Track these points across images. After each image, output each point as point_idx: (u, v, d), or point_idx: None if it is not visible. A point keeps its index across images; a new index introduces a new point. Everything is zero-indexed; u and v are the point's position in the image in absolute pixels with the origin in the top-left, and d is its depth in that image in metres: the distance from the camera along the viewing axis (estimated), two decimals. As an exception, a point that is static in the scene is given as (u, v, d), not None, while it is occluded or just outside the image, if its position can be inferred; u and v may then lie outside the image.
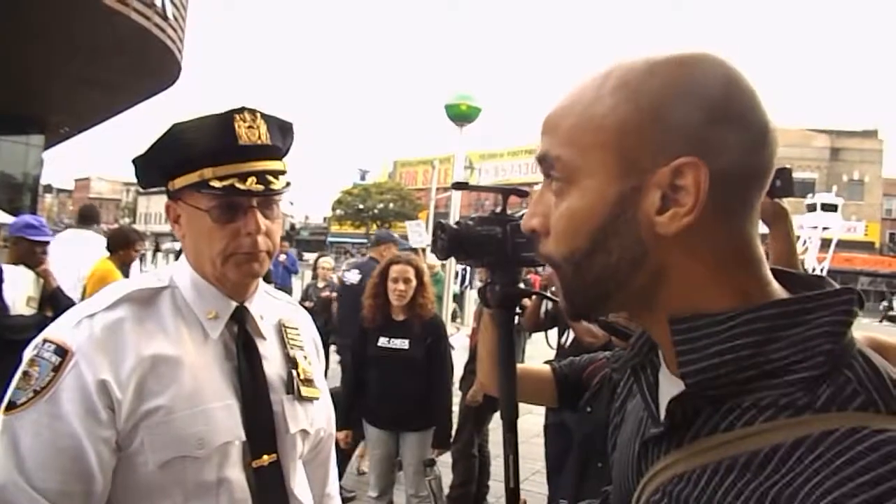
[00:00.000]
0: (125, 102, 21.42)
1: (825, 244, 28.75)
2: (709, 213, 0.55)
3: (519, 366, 1.51)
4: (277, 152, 1.15)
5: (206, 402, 1.05)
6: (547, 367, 1.76)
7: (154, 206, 76.88)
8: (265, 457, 1.11)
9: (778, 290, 0.59)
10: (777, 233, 1.82)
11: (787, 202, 1.84)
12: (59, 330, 1.02)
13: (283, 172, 1.14)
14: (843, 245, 30.54)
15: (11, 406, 0.97)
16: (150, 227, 62.21)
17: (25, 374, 0.99)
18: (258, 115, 1.11)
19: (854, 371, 0.52)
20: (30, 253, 3.74)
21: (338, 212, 46.51)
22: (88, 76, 16.89)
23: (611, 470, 0.80)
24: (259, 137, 1.10)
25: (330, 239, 53.08)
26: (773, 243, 1.80)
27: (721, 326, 0.55)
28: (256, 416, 1.11)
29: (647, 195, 0.56)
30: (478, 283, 6.79)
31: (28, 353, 1.01)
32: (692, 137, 0.54)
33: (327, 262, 7.40)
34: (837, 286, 0.58)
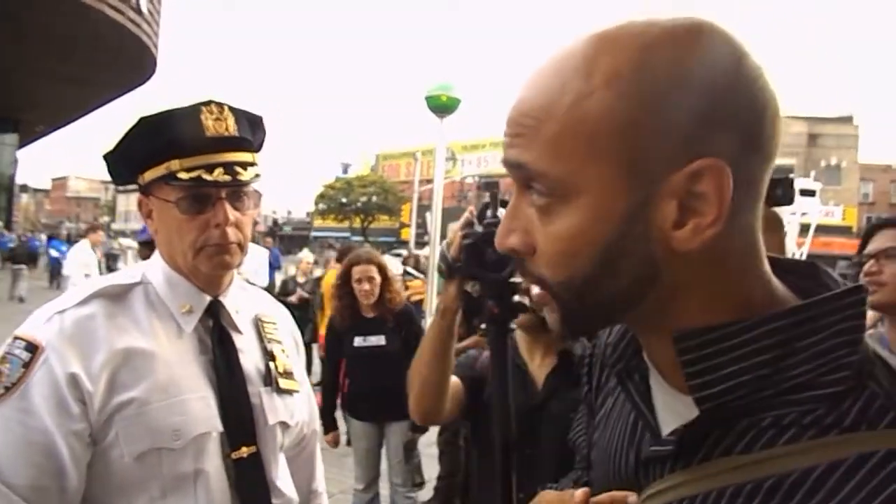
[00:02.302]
0: (101, 99, 21.11)
1: (804, 229, 29.15)
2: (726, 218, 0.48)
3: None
4: (246, 144, 1.15)
5: (181, 394, 1.05)
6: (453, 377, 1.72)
7: (134, 204, 75.41)
8: (244, 448, 1.11)
9: (782, 292, 0.54)
10: (771, 241, 1.82)
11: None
12: (30, 326, 1.02)
13: (252, 164, 1.13)
14: (822, 230, 30.97)
15: None
16: (129, 226, 61.45)
17: None
18: (225, 107, 1.12)
19: (878, 382, 0.48)
20: None
21: (321, 206, 46.24)
22: (62, 72, 16.62)
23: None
24: (226, 129, 1.10)
25: (314, 233, 52.84)
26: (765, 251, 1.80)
27: (733, 341, 0.50)
28: (234, 407, 1.11)
29: (659, 207, 0.48)
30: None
31: None
32: (707, 133, 0.47)
33: (307, 257, 7.47)
34: (837, 278, 0.54)
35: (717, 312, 0.51)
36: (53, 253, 15.92)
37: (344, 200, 44.23)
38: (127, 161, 1.13)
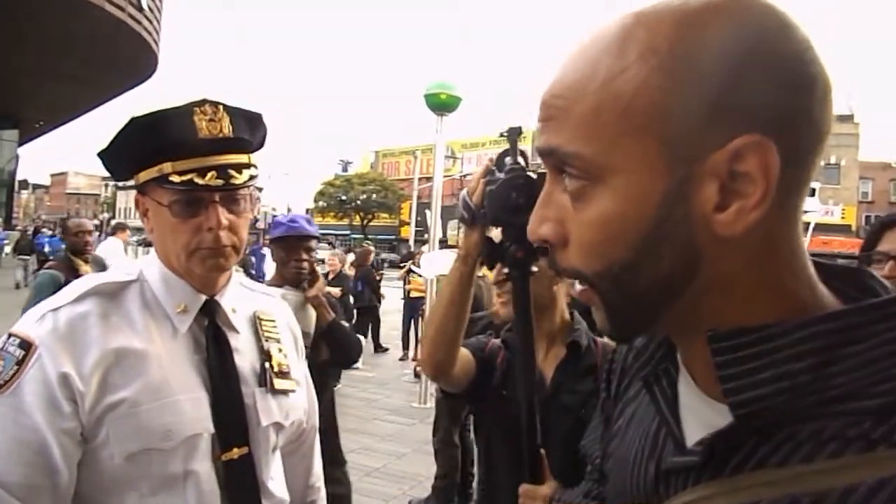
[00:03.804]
0: (102, 96, 21.08)
1: (804, 228, 29.05)
2: (772, 201, 0.45)
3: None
4: (243, 145, 1.13)
5: (173, 395, 1.05)
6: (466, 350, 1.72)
7: (132, 201, 75.36)
8: (235, 450, 1.11)
9: (827, 296, 0.50)
10: None
11: None
12: (25, 324, 1.03)
13: (247, 166, 1.12)
14: (821, 228, 30.93)
15: None
16: (129, 222, 61.34)
17: None
18: (221, 107, 1.10)
19: None
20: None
21: (320, 203, 46.19)
22: (62, 69, 16.59)
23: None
24: (221, 130, 1.08)
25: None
26: None
27: (772, 344, 0.46)
28: (226, 408, 1.11)
29: (700, 188, 0.45)
30: None
31: None
32: (750, 108, 0.43)
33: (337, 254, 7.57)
34: (886, 284, 0.50)
35: (762, 311, 0.47)
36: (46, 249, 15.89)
37: (344, 198, 44.19)
38: (120, 161, 1.12)
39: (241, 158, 1.12)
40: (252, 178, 1.12)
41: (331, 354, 2.82)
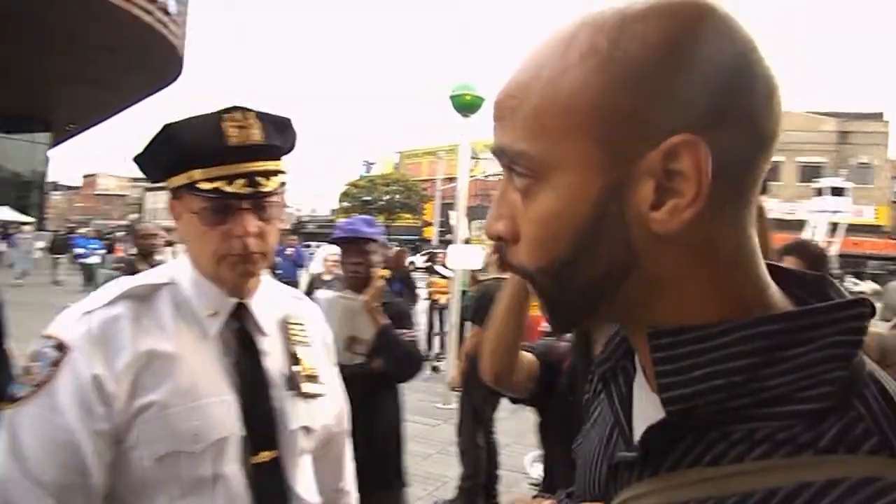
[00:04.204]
0: (130, 99, 21.48)
1: (834, 228, 28.56)
2: (711, 201, 0.45)
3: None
4: (273, 151, 1.13)
5: (202, 398, 1.05)
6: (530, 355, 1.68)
7: (161, 201, 77.24)
8: (264, 453, 1.11)
9: (778, 298, 0.50)
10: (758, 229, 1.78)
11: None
12: (60, 326, 1.04)
13: (276, 173, 1.12)
14: (853, 229, 30.34)
15: (12, 399, 0.99)
16: (158, 223, 62.44)
17: (27, 369, 1.01)
18: (250, 113, 1.09)
19: (866, 404, 0.44)
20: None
21: (344, 204, 46.49)
22: (92, 74, 16.94)
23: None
24: (250, 137, 1.08)
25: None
26: None
27: (710, 343, 0.46)
28: (255, 412, 1.11)
29: (636, 187, 0.46)
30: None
31: (31, 349, 1.03)
32: (685, 108, 0.44)
33: (332, 253, 7.33)
34: (846, 293, 0.49)
35: (703, 310, 0.48)
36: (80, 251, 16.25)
37: (367, 198, 44.43)
38: (153, 166, 1.14)
39: (271, 165, 1.11)
40: (282, 184, 1.12)
41: (384, 365, 2.61)
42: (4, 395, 1.02)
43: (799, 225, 27.03)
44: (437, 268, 8.99)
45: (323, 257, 7.03)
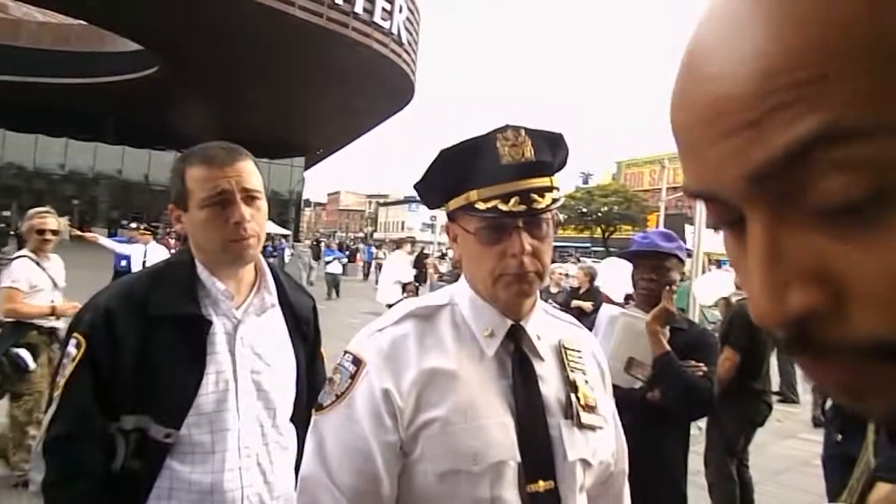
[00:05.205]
0: (369, 123, 23.78)
1: None
2: None
3: None
4: (545, 168, 1.12)
5: (480, 418, 1.05)
6: None
7: (391, 216, 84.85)
8: (541, 482, 1.07)
9: None
10: None
11: None
12: (357, 342, 1.13)
13: (549, 189, 1.10)
14: None
15: (319, 407, 1.10)
16: (388, 235, 68.06)
17: (330, 379, 1.11)
18: (522, 131, 1.10)
19: None
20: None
21: (560, 216, 46.43)
22: (339, 102, 19.03)
23: None
24: (523, 155, 1.08)
25: (553, 244, 52.91)
26: None
27: None
28: (532, 438, 1.08)
29: None
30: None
31: (335, 361, 1.13)
32: None
33: (559, 267, 7.39)
34: None
35: None
36: (328, 259, 18.28)
37: (584, 210, 43.84)
38: (432, 191, 1.18)
39: (544, 182, 1.11)
40: (554, 201, 1.11)
41: (662, 397, 2.33)
42: (316, 401, 1.14)
43: None
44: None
45: (550, 270, 7.00)
